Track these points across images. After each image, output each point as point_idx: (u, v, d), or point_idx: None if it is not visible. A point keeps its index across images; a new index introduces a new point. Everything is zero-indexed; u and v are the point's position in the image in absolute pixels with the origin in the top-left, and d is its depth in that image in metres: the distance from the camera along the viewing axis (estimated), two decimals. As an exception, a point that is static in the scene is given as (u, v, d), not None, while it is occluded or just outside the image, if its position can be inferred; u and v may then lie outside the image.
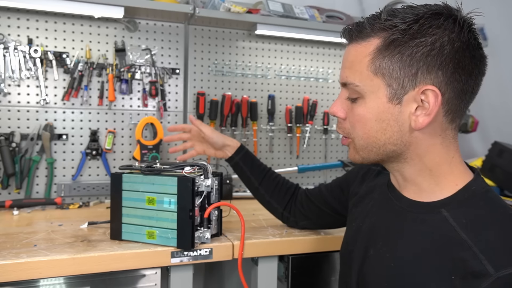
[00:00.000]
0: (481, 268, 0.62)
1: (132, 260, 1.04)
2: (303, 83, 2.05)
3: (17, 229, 1.23)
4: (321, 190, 1.16)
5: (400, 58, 0.70)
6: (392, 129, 0.73)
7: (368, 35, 0.73)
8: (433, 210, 0.73)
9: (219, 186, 1.14)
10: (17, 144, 1.59)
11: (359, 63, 0.73)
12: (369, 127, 0.74)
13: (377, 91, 0.72)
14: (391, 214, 0.81)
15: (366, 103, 0.74)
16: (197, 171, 1.10)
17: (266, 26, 1.79)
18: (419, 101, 0.70)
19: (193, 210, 1.04)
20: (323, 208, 1.15)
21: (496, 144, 1.92)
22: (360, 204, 0.93)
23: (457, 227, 0.68)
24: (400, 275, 0.72)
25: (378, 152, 0.76)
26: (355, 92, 0.75)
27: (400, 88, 0.71)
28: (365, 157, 0.78)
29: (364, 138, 0.76)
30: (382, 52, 0.71)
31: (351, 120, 0.77)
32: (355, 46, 0.75)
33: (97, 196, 1.72)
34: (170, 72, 1.81)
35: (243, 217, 1.06)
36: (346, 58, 0.77)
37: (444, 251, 0.67)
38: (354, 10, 2.19)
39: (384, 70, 0.71)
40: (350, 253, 0.87)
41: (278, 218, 1.28)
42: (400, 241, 0.75)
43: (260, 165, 1.26)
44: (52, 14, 1.64)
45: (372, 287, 0.78)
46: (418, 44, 0.68)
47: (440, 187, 0.74)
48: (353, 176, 1.04)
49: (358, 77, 0.73)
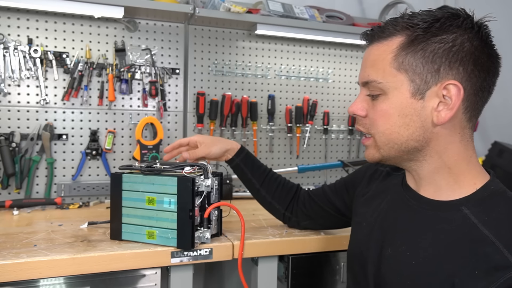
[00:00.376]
0: (505, 261, 0.63)
1: (132, 260, 1.04)
2: (303, 83, 2.05)
3: (17, 229, 1.23)
4: (325, 190, 1.16)
5: (423, 55, 0.72)
6: (415, 124, 0.75)
7: (390, 34, 0.75)
8: (453, 208, 0.74)
9: (219, 186, 1.14)
10: (17, 144, 1.59)
11: (382, 61, 0.76)
12: (392, 122, 0.76)
13: (400, 86, 0.74)
14: (408, 213, 0.81)
15: (389, 99, 0.76)
16: (197, 171, 1.10)
17: (266, 26, 1.79)
18: (441, 96, 0.73)
19: (193, 210, 1.04)
20: (326, 208, 1.15)
21: (496, 144, 1.92)
22: (370, 204, 0.92)
23: (479, 224, 0.69)
24: (423, 272, 0.73)
25: (399, 148, 0.77)
26: (378, 89, 0.76)
27: (423, 84, 0.73)
28: (385, 155, 0.79)
29: (386, 133, 0.77)
30: (405, 49, 0.73)
31: (372, 117, 0.79)
32: (377, 45, 0.77)
33: (97, 196, 1.72)
34: (170, 72, 1.81)
35: (243, 217, 1.06)
36: (367, 58, 0.79)
37: (466, 247, 0.68)
38: (354, 10, 2.19)
39: (407, 66, 0.73)
40: (361, 253, 0.87)
41: (279, 219, 1.28)
42: (421, 239, 0.75)
43: (260, 166, 1.26)
44: (52, 14, 1.64)
45: (389, 281, 0.78)
46: (440, 41, 0.71)
47: (459, 185, 0.76)
48: (360, 176, 1.04)
49: (381, 74, 0.76)
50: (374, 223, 0.87)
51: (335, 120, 2.11)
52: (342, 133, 2.13)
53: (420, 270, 0.73)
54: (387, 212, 0.86)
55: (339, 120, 2.12)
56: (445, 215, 0.74)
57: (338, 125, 2.12)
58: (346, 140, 2.14)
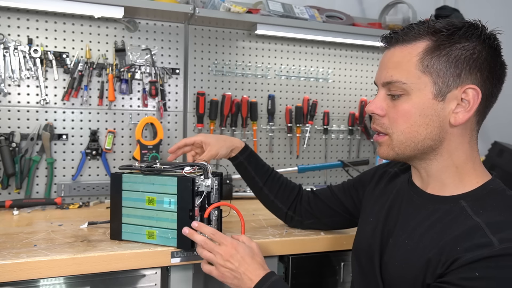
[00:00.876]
0: (487, 241, 0.69)
1: (132, 260, 1.04)
2: (303, 83, 2.05)
3: (17, 229, 1.23)
4: (333, 190, 1.19)
5: (447, 59, 0.78)
6: (434, 124, 0.79)
7: (414, 38, 0.80)
8: (453, 201, 0.80)
9: (219, 186, 1.14)
10: (17, 144, 1.59)
11: (407, 62, 0.79)
12: (412, 121, 0.80)
13: (424, 88, 0.79)
14: (412, 208, 0.86)
15: (411, 99, 0.79)
16: (197, 171, 1.10)
17: (266, 26, 1.79)
18: (460, 99, 0.78)
19: (193, 210, 1.04)
20: (334, 207, 1.17)
21: (496, 144, 1.92)
22: (378, 202, 0.98)
23: (473, 214, 0.75)
24: (414, 254, 0.78)
25: (415, 147, 0.81)
26: (401, 89, 0.80)
27: (445, 86, 0.78)
28: (399, 153, 0.83)
29: (406, 132, 0.81)
30: (431, 53, 0.78)
31: (392, 116, 0.82)
32: (400, 48, 0.81)
33: (97, 196, 1.72)
34: (170, 72, 1.81)
35: (243, 217, 1.06)
36: (389, 59, 0.83)
37: (457, 231, 0.74)
38: (354, 10, 2.19)
39: (432, 69, 0.78)
40: (370, 246, 0.92)
41: (281, 218, 1.28)
42: (418, 228, 0.81)
43: (264, 165, 1.26)
44: (52, 14, 1.64)
45: (392, 271, 0.83)
46: (463, 48, 0.77)
47: (463, 183, 0.81)
48: (369, 177, 1.09)
49: (405, 75, 0.79)
50: (380, 219, 0.92)
51: (335, 120, 2.12)
52: (342, 133, 2.13)
53: (412, 252, 0.79)
54: (392, 208, 0.91)
55: (339, 120, 2.12)
56: (445, 207, 0.80)
57: (338, 125, 2.12)
58: (346, 140, 2.14)
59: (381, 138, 0.85)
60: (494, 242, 0.68)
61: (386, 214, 0.91)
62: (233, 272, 0.93)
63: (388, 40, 0.84)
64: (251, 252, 0.96)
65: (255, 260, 0.94)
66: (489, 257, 0.67)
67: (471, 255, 0.68)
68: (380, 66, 0.85)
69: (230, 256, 0.93)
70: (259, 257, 0.96)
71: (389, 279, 0.84)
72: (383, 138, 0.85)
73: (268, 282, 0.90)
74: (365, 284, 0.92)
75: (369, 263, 0.91)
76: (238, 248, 0.94)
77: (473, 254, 0.68)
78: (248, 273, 0.92)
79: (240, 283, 0.92)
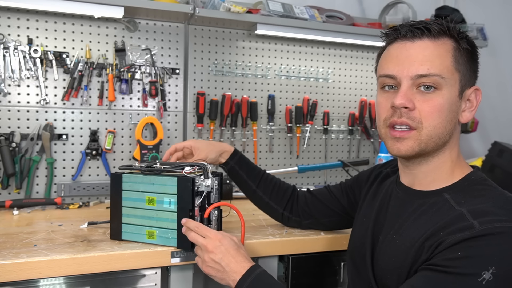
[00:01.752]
0: (468, 224, 0.71)
1: (132, 260, 1.04)
2: (303, 83, 2.05)
3: (17, 229, 1.23)
4: (330, 190, 1.20)
5: (467, 61, 0.83)
6: (454, 120, 0.83)
7: (438, 34, 0.82)
8: (436, 195, 0.83)
9: (219, 186, 1.14)
10: (17, 144, 1.59)
11: (443, 57, 0.81)
12: (444, 117, 0.81)
13: (454, 84, 0.81)
14: (399, 205, 0.89)
15: (444, 94, 0.80)
16: (197, 171, 1.10)
17: (266, 26, 1.79)
18: (466, 99, 0.84)
19: (193, 210, 1.04)
20: (332, 207, 1.18)
21: (496, 144, 1.92)
22: (370, 203, 0.99)
23: (456, 205, 0.78)
24: (403, 247, 0.80)
25: (438, 142, 0.82)
26: (436, 83, 0.80)
27: (465, 85, 0.83)
28: (423, 148, 0.82)
29: (437, 127, 0.81)
30: (459, 51, 0.82)
31: (426, 110, 0.80)
32: (432, 41, 0.82)
33: (97, 196, 1.72)
34: (170, 72, 1.81)
35: (243, 217, 1.07)
36: (420, 52, 0.81)
37: (439, 219, 0.77)
38: (354, 10, 2.19)
39: (460, 67, 0.82)
40: (363, 245, 0.93)
41: (277, 219, 1.28)
42: (405, 223, 0.84)
43: (255, 168, 1.27)
44: (52, 14, 1.64)
45: (383, 266, 0.84)
46: (477, 51, 0.85)
47: (452, 177, 0.84)
48: (365, 177, 1.10)
49: (443, 70, 0.80)
50: (371, 219, 0.94)
51: (335, 120, 2.12)
52: (342, 133, 2.13)
53: (401, 247, 0.81)
54: (381, 208, 0.94)
55: (339, 120, 2.12)
56: (430, 200, 0.83)
57: (338, 125, 2.12)
58: (346, 140, 2.14)
59: (408, 133, 0.81)
60: (475, 224, 0.70)
61: (376, 214, 0.94)
62: (216, 264, 0.93)
63: (409, 34, 0.82)
64: (236, 245, 0.95)
65: (239, 252, 0.94)
66: (470, 238, 0.69)
67: (453, 237, 0.71)
68: (404, 58, 0.81)
69: (214, 247, 0.93)
70: (243, 250, 0.96)
71: (380, 274, 0.85)
72: (410, 133, 0.81)
73: (253, 274, 0.89)
74: (360, 283, 0.93)
75: (362, 262, 0.92)
76: (223, 240, 0.94)
77: (455, 237, 0.71)
78: (232, 265, 0.91)
79: (224, 276, 0.92)
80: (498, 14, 2.30)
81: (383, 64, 0.86)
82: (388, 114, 0.83)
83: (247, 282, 0.89)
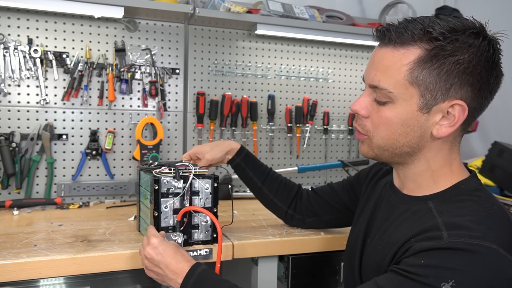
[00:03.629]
0: (437, 234, 0.70)
1: (132, 260, 1.04)
2: (303, 83, 2.05)
3: (17, 229, 1.23)
4: (333, 187, 1.20)
5: (438, 73, 0.73)
6: (414, 134, 0.78)
7: (407, 42, 0.75)
8: (422, 202, 0.81)
9: (212, 189, 1.10)
10: (17, 144, 1.59)
11: (396, 70, 0.75)
12: (393, 130, 0.79)
13: (410, 99, 0.76)
14: (388, 208, 0.88)
15: (396, 108, 0.77)
16: (173, 171, 1.08)
17: (266, 26, 1.79)
18: (446, 112, 0.76)
19: (157, 210, 1.04)
20: (334, 204, 1.18)
21: (496, 144, 1.92)
22: (366, 202, 0.99)
23: (437, 215, 0.75)
24: (382, 255, 0.79)
25: (393, 152, 0.81)
26: (386, 96, 0.77)
27: (432, 99, 0.75)
28: (378, 155, 0.83)
29: (385, 139, 0.80)
30: (422, 64, 0.74)
31: (375, 121, 0.80)
32: (393, 51, 0.76)
33: (97, 196, 1.71)
34: (170, 72, 1.81)
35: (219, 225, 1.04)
36: (379, 61, 0.78)
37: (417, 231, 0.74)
38: (354, 10, 2.19)
39: (420, 82, 0.74)
40: (357, 244, 0.93)
41: (281, 217, 1.28)
42: (389, 228, 0.83)
43: (261, 165, 1.27)
44: (52, 14, 1.64)
45: (368, 271, 0.85)
46: (457, 61, 0.72)
47: (437, 185, 0.81)
48: (365, 175, 1.10)
49: (392, 84, 0.76)
50: (366, 218, 0.94)
51: (335, 120, 2.11)
52: (342, 133, 2.13)
53: (382, 253, 0.80)
54: (375, 208, 0.93)
55: (339, 120, 2.12)
56: (415, 207, 0.81)
57: (338, 125, 2.12)
58: (346, 140, 2.14)
59: (362, 137, 0.84)
60: (443, 236, 0.69)
61: (370, 215, 0.93)
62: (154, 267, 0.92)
63: (381, 37, 0.79)
64: (175, 246, 0.95)
65: (178, 252, 0.93)
66: (435, 248, 0.68)
67: (420, 245, 0.70)
68: (370, 63, 0.81)
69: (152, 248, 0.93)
70: (183, 250, 0.95)
71: (365, 277, 0.86)
72: (363, 137, 0.84)
73: (195, 274, 0.88)
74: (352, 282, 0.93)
75: (353, 262, 0.93)
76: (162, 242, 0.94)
77: (422, 244, 0.70)
78: (171, 267, 0.90)
79: (164, 279, 0.91)
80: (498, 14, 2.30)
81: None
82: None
83: (190, 283, 0.87)
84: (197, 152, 1.23)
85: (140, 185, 1.21)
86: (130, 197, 1.73)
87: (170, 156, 1.82)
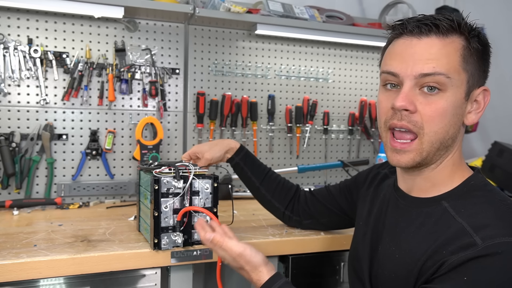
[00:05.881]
0: (471, 241, 0.68)
1: (132, 260, 1.04)
2: (303, 83, 2.05)
3: (17, 229, 1.23)
4: (330, 190, 1.19)
5: (477, 60, 0.77)
6: (458, 124, 0.78)
7: (447, 31, 0.75)
8: (435, 203, 0.79)
9: (212, 190, 1.10)
10: (17, 144, 1.59)
11: (450, 56, 0.75)
12: (447, 121, 0.75)
13: (460, 86, 0.76)
14: (397, 213, 0.85)
15: (447, 96, 0.75)
16: (171, 172, 1.08)
17: (266, 26, 1.79)
18: (474, 99, 0.78)
19: (157, 210, 1.04)
20: (331, 207, 1.17)
21: (496, 144, 1.92)
22: (368, 207, 0.97)
23: (456, 215, 0.73)
24: (403, 263, 0.77)
25: (440, 148, 0.77)
26: (441, 83, 0.74)
27: (472, 86, 0.77)
28: (425, 157, 0.77)
29: (439, 132, 0.76)
30: (468, 50, 0.76)
31: (428, 114, 0.75)
32: (434, 40, 0.75)
33: (97, 196, 1.71)
34: (170, 72, 1.81)
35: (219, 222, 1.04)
36: (427, 49, 0.75)
37: (442, 235, 0.72)
38: (354, 10, 2.19)
39: (468, 68, 0.76)
40: (358, 251, 0.92)
41: (278, 218, 1.28)
42: (404, 234, 0.80)
43: (260, 165, 1.27)
44: (52, 14, 1.64)
45: (383, 281, 0.82)
46: (489, 50, 0.79)
47: (452, 181, 0.80)
48: (363, 179, 1.07)
49: (449, 70, 0.74)
50: (370, 224, 0.92)
51: (335, 120, 2.11)
52: (342, 133, 2.13)
53: (401, 262, 0.78)
54: (380, 213, 0.91)
55: (339, 120, 2.12)
56: (428, 210, 0.79)
57: (338, 125, 2.12)
58: (346, 140, 2.14)
59: (409, 145, 0.77)
60: (477, 241, 0.67)
61: (375, 219, 0.91)
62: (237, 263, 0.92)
63: (421, 29, 0.76)
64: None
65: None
66: (473, 258, 0.66)
67: (457, 258, 0.67)
68: (410, 56, 0.76)
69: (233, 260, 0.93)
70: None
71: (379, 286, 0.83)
72: (411, 145, 0.77)
73: (281, 280, 0.87)
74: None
75: (360, 270, 0.91)
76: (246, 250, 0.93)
77: (458, 257, 0.67)
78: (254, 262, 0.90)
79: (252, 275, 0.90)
80: (498, 14, 2.30)
81: (387, 60, 0.81)
82: (388, 115, 0.78)
83: (277, 284, 0.85)
84: (196, 151, 1.23)
85: (140, 185, 1.21)
86: (130, 197, 1.74)
87: (170, 156, 1.82)
